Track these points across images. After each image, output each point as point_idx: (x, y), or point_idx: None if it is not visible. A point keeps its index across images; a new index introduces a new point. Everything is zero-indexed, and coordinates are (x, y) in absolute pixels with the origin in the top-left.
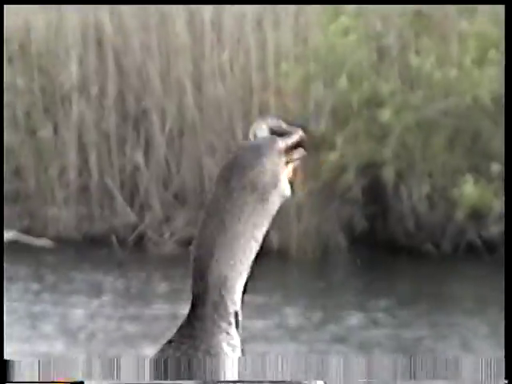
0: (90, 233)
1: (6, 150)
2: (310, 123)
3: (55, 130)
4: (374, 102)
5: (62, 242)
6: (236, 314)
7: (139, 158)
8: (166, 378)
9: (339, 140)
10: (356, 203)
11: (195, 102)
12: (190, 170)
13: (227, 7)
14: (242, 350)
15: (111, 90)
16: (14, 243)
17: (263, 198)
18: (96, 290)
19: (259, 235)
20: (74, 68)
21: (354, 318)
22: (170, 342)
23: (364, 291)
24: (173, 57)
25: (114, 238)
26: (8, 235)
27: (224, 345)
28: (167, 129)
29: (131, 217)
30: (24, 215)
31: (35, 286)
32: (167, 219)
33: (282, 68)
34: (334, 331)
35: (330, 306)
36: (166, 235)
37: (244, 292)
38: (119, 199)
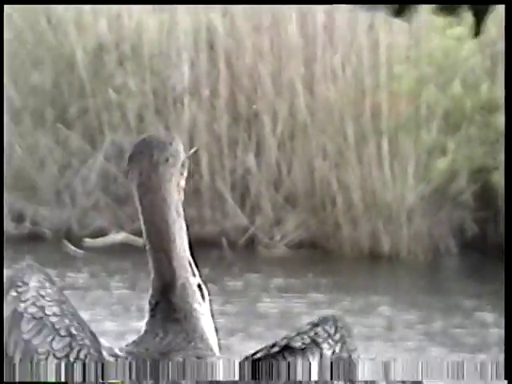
0: (200, 235)
1: (119, 152)
2: (421, 127)
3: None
4: (488, 108)
5: None
6: (199, 287)
7: (250, 160)
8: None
9: (451, 145)
10: (467, 208)
11: (306, 104)
12: (301, 172)
13: (340, 8)
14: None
15: (223, 92)
16: (125, 245)
17: (179, 174)
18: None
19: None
20: (185, 70)
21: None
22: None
23: (474, 295)
24: (284, 59)
25: (224, 241)
26: (118, 236)
27: (203, 323)
28: (279, 131)
29: (242, 219)
30: (135, 216)
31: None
32: (278, 222)
33: (394, 70)
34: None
35: (443, 310)
36: (277, 238)
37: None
38: (230, 202)
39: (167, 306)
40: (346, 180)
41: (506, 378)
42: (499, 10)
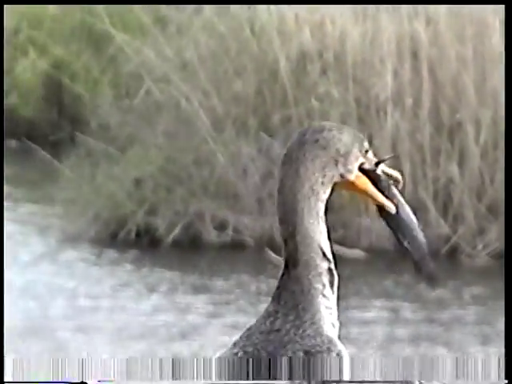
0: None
1: None
2: None
3: (369, 141)
4: None
5: (375, 253)
6: (330, 272)
7: (453, 169)
8: None
9: None
10: None
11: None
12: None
13: None
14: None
15: (426, 101)
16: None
17: (333, 163)
18: (411, 298)
19: (324, 197)
20: (388, 79)
21: None
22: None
23: None
24: (488, 67)
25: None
26: None
27: (322, 308)
28: (482, 140)
29: (444, 228)
30: (337, 225)
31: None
32: (480, 231)
33: None
34: None
35: None
36: (479, 247)
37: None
38: (432, 211)
39: (287, 281)
40: None
41: (506, 378)
42: None
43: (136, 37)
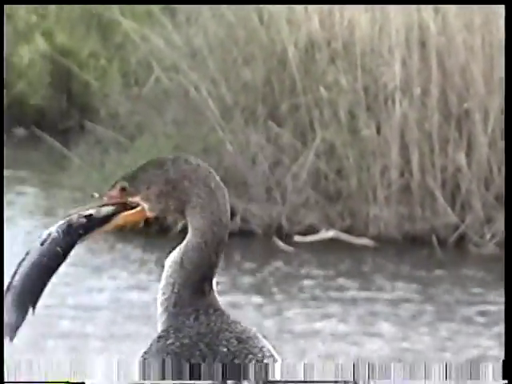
0: (410, 233)
1: (329, 149)
2: None
3: (378, 130)
4: None
5: (383, 242)
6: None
7: (461, 158)
8: None
9: None
10: None
11: None
12: None
13: None
14: None
15: (434, 90)
16: (334, 241)
17: None
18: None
19: None
20: (397, 68)
21: None
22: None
23: None
24: (496, 56)
25: (434, 239)
26: (329, 233)
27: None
28: (489, 129)
29: (452, 217)
30: (345, 214)
31: (350, 284)
32: (488, 220)
33: None
34: None
35: None
36: (487, 236)
37: None
38: (440, 199)
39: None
40: None
41: (506, 378)
42: None
43: (144, 25)
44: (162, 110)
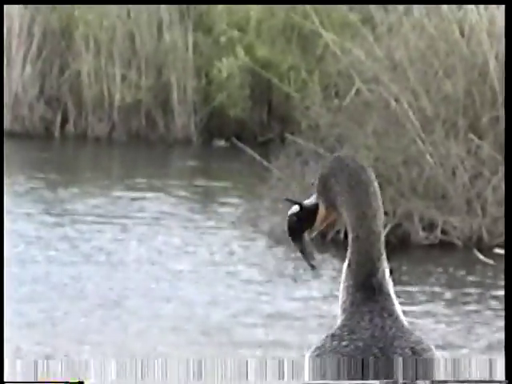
0: None
1: None
2: None
3: None
4: None
5: None
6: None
7: None
8: None
9: None
10: None
11: None
12: None
13: None
14: None
15: None
16: None
17: None
18: None
19: None
20: None
21: None
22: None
23: None
24: None
25: None
26: None
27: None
28: None
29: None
30: None
31: None
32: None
33: None
34: None
35: None
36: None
37: None
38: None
39: (368, 292)
40: None
41: (506, 378)
42: None
43: (344, 37)
44: (362, 121)
